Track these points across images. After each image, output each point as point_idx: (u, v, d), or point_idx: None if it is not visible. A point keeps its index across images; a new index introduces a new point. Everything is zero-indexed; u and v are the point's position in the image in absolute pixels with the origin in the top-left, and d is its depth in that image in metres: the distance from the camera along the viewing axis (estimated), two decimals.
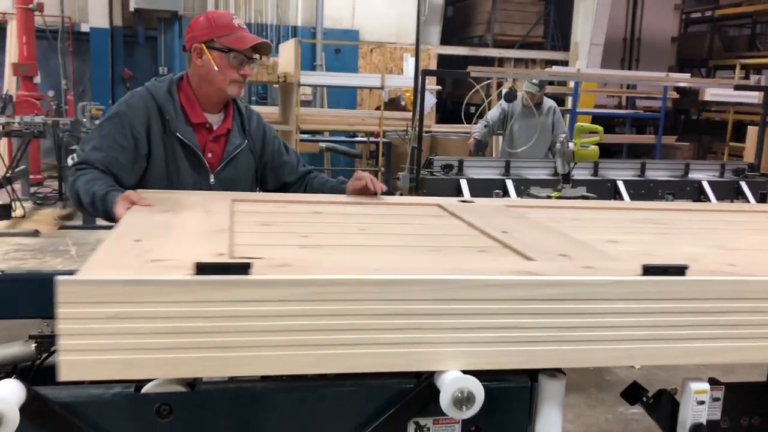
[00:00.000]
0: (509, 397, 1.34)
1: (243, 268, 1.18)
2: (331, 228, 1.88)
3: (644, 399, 1.48)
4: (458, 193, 4.93)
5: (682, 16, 17.44)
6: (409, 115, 8.95)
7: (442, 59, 12.59)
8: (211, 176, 2.35)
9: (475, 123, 6.54)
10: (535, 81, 6.09)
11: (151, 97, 2.29)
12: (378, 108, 9.33)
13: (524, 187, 4.91)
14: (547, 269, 1.36)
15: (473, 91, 6.86)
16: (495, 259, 1.54)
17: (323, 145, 9.93)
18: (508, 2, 13.47)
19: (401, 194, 5.27)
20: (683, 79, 9.04)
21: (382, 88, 7.89)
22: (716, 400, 1.39)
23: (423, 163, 5.11)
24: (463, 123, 9.47)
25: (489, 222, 1.89)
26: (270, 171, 2.53)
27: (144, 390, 1.26)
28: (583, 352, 1.30)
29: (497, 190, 4.81)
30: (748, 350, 1.31)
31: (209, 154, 2.35)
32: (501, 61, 13.02)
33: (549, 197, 4.06)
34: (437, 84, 10.52)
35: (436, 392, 1.26)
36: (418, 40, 5.90)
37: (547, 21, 13.66)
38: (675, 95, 11.59)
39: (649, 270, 1.32)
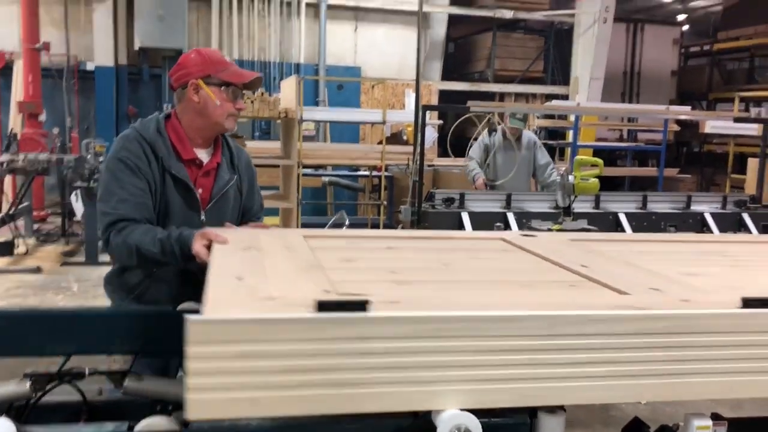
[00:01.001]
0: None
1: (362, 306, 1.20)
2: (413, 263, 1.90)
3: None
4: (460, 226, 4.92)
5: (682, 50, 17.63)
6: (411, 149, 9.02)
7: (444, 94, 12.71)
8: (202, 212, 2.36)
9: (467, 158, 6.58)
10: (519, 116, 6.19)
11: (141, 138, 2.29)
12: (380, 142, 9.39)
13: (525, 220, 4.90)
14: (647, 303, 1.38)
15: (482, 128, 6.89)
16: (590, 293, 1.56)
17: (326, 179, 9.98)
18: (509, 38, 13.65)
19: (403, 227, 5.28)
20: (683, 112, 9.11)
21: (383, 123, 7.95)
22: None
23: (425, 197, 5.12)
24: (465, 157, 9.52)
25: (562, 256, 1.92)
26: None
27: (137, 429, 1.24)
28: (690, 385, 1.32)
29: (498, 224, 4.80)
30: None
31: (200, 190, 2.37)
32: (502, 96, 13.14)
33: (550, 230, 4.05)
34: (439, 118, 10.60)
35: (433, 429, 1.24)
36: (419, 75, 5.97)
37: (547, 56, 13.81)
38: (676, 128, 11.64)
39: (748, 303, 1.34)
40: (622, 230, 5.26)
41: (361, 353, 1.19)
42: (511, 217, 4.96)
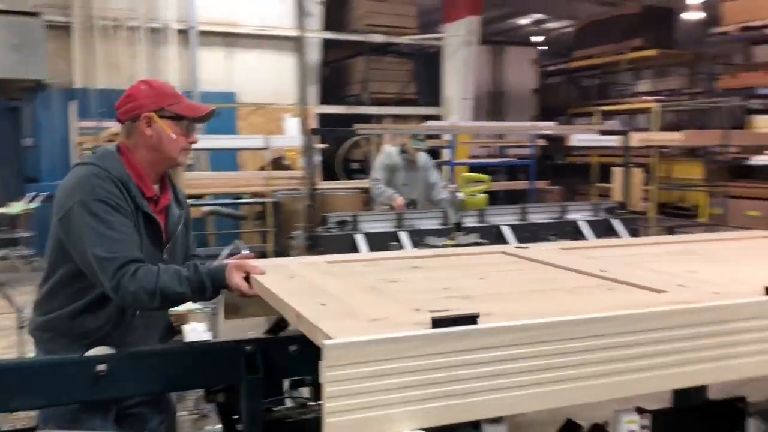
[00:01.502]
0: None
1: (473, 319, 1.30)
2: (455, 281, 1.95)
3: None
4: (354, 248, 4.95)
5: (541, 69, 18.80)
6: (295, 174, 8.98)
7: (322, 118, 12.78)
8: (164, 252, 2.29)
9: (356, 178, 6.64)
10: (420, 137, 6.37)
11: (111, 176, 2.15)
12: (262, 168, 9.27)
13: (418, 238, 5.01)
14: (688, 298, 1.56)
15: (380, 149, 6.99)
16: (633, 294, 1.68)
17: (205, 209, 9.70)
18: (381, 62, 13.97)
19: (298, 252, 5.23)
20: (549, 128, 9.70)
21: (266, 148, 7.87)
22: (644, 428, 1.46)
23: (318, 221, 5.11)
24: (347, 179, 9.62)
25: (574, 263, 2.08)
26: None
27: None
28: (739, 366, 1.49)
29: (393, 242, 4.88)
30: None
31: (162, 232, 2.29)
32: (379, 118, 13.40)
33: (445, 246, 4.16)
34: (321, 142, 10.64)
35: None
36: (304, 101, 5.98)
37: (419, 78, 14.26)
38: (543, 142, 12.37)
39: None
40: (506, 242, 5.50)
41: (473, 363, 1.26)
42: (404, 235, 5.06)
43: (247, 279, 2.02)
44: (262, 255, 7.97)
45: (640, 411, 1.47)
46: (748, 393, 1.70)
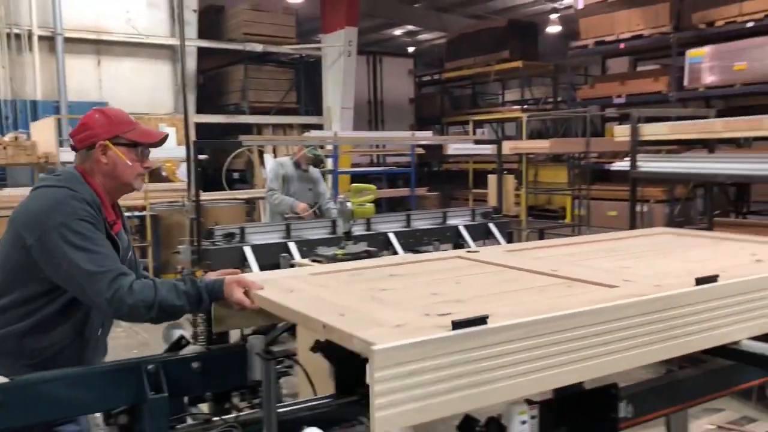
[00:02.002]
0: None
1: (483, 320, 1.50)
2: (437, 286, 2.11)
3: (477, 428, 1.66)
4: (244, 261, 4.93)
5: (416, 80, 19.37)
6: (175, 186, 8.75)
7: (200, 127, 12.51)
8: None
9: (238, 188, 6.59)
10: (316, 147, 6.44)
11: (84, 199, 2.14)
12: None
13: (307, 248, 5.06)
14: (638, 291, 1.85)
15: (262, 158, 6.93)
16: (591, 290, 1.93)
17: None
18: (260, 71, 13.88)
19: (183, 268, 5.12)
20: (427, 137, 10.04)
21: None
22: (534, 417, 1.62)
23: (204, 234, 5.04)
24: (225, 189, 9.46)
25: (528, 265, 2.31)
26: None
27: None
28: (683, 344, 1.86)
29: (283, 254, 4.91)
30: None
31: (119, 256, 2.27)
32: (259, 128, 13.30)
33: (335, 255, 4.24)
34: (201, 153, 10.41)
35: None
36: (186, 110, 5.88)
37: (299, 87, 14.29)
38: (421, 151, 12.76)
39: (700, 281, 1.92)
40: (393, 248, 5.68)
41: (487, 357, 1.49)
42: (293, 246, 5.10)
43: (245, 294, 2.07)
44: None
45: (530, 402, 1.63)
46: (619, 380, 1.93)
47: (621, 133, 5.26)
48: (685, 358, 2.73)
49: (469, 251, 2.72)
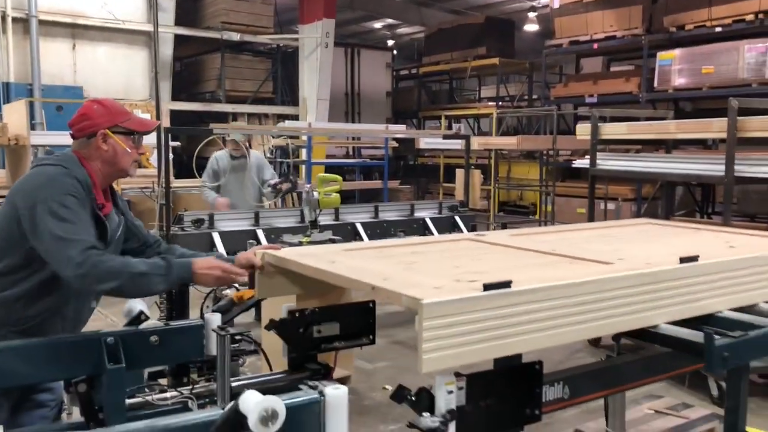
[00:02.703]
0: (305, 411, 1.57)
1: (508, 284, 1.78)
2: (459, 261, 2.37)
3: (409, 397, 1.80)
4: (211, 247, 5.03)
5: (393, 73, 19.46)
6: (147, 172, 8.78)
7: (175, 114, 12.52)
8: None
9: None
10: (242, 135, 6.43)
11: (76, 177, 2.33)
12: None
13: (274, 236, 5.18)
14: (630, 267, 2.11)
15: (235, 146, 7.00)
16: (591, 265, 2.18)
17: None
18: (237, 59, 13.89)
19: None
20: (400, 131, 10.16)
21: None
22: (461, 388, 1.76)
23: (173, 220, 5.13)
24: (197, 177, 9.50)
25: (532, 246, 2.56)
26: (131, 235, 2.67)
27: None
28: (664, 312, 2.13)
29: (251, 240, 5.01)
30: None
31: (108, 236, 2.45)
32: (234, 116, 13.32)
33: (301, 243, 4.36)
34: (174, 140, 10.44)
35: (241, 417, 1.44)
36: (158, 97, 5.94)
37: (276, 77, 14.32)
38: (395, 144, 12.88)
39: (683, 260, 2.19)
40: (360, 238, 5.81)
41: (510, 314, 1.76)
42: (260, 233, 5.20)
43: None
44: None
45: (458, 375, 1.76)
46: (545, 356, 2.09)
47: (582, 131, 5.43)
48: (623, 347, 2.91)
49: (477, 234, 3.02)
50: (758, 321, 2.16)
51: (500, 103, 15.95)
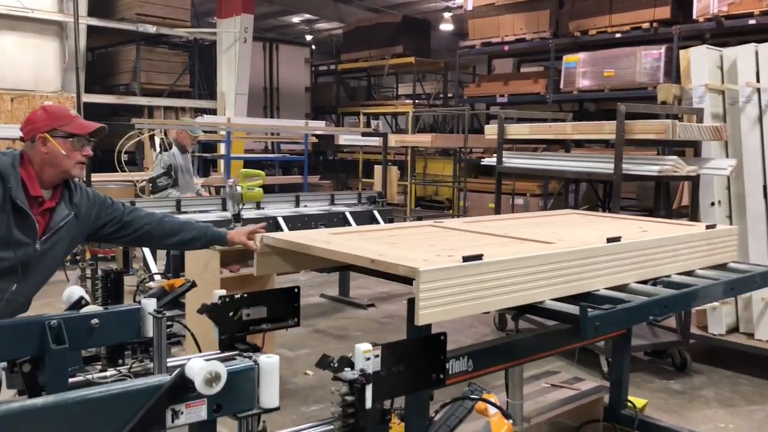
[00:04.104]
0: (242, 377, 1.80)
1: (479, 257, 2.25)
2: (431, 241, 2.82)
3: (332, 364, 2.05)
4: None
5: (312, 69, 19.58)
6: None
7: (88, 107, 12.21)
8: (38, 242, 2.64)
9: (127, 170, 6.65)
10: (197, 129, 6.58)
11: None
12: None
13: None
14: (568, 245, 2.63)
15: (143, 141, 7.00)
16: (538, 244, 2.67)
17: None
18: (153, 52, 13.69)
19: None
20: (320, 128, 10.36)
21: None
22: (377, 356, 2.02)
23: None
24: (116, 171, 9.41)
25: (487, 230, 3.08)
26: (121, 227, 2.91)
27: None
28: (595, 282, 2.61)
29: None
30: (666, 267, 2.90)
31: (36, 225, 2.63)
32: (150, 110, 13.14)
33: None
34: None
35: (188, 381, 1.66)
36: (79, 90, 5.91)
37: (193, 71, 14.20)
38: (315, 140, 13.06)
39: (610, 239, 2.71)
40: (281, 230, 5.99)
41: (483, 281, 2.24)
42: None
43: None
44: None
45: (374, 345, 2.03)
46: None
47: (490, 131, 5.82)
48: (519, 326, 3.26)
49: (436, 221, 3.49)
50: (628, 297, 2.54)
51: (417, 101, 16.37)
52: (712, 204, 4.98)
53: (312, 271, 3.83)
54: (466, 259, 2.23)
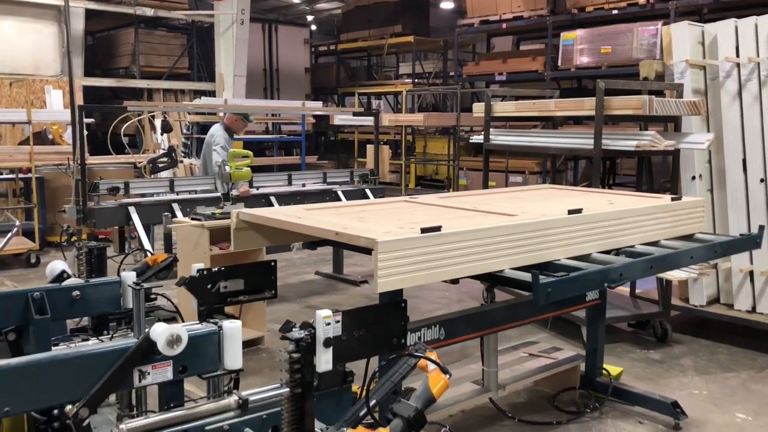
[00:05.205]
0: (205, 340, 1.93)
1: (438, 228, 2.39)
2: (400, 214, 3.04)
3: (293, 329, 2.17)
4: (128, 220, 5.24)
5: (312, 50, 19.58)
6: (61, 149, 8.77)
7: (88, 90, 12.35)
8: None
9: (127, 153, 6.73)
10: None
11: None
12: (23, 143, 8.90)
13: (189, 208, 5.42)
14: (531, 217, 2.78)
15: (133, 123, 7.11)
16: (503, 216, 2.85)
17: None
18: (152, 35, 13.76)
19: (68, 227, 5.37)
20: (316, 108, 10.45)
21: (29, 122, 7.64)
22: (338, 322, 2.14)
23: (89, 188, 5.27)
24: (113, 154, 9.53)
25: (458, 204, 3.25)
26: None
27: None
28: (555, 252, 2.76)
29: (166, 213, 5.25)
30: (629, 237, 3.06)
31: None
32: (150, 92, 13.24)
33: (214, 215, 4.64)
34: (87, 116, 10.37)
35: (152, 343, 1.79)
36: (71, 74, 6.02)
37: (192, 53, 14.26)
38: (312, 120, 13.15)
39: (571, 211, 2.86)
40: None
41: (440, 251, 2.38)
42: (176, 206, 5.44)
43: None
44: (30, 232, 7.78)
45: (335, 311, 2.15)
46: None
47: (478, 109, 5.90)
48: (491, 298, 3.38)
49: (411, 197, 3.65)
50: (586, 266, 2.65)
51: (416, 80, 16.39)
52: (693, 178, 5.06)
53: (304, 248, 3.96)
54: (424, 230, 2.35)
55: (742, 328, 4.98)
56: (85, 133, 10.11)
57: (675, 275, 4.50)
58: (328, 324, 2.09)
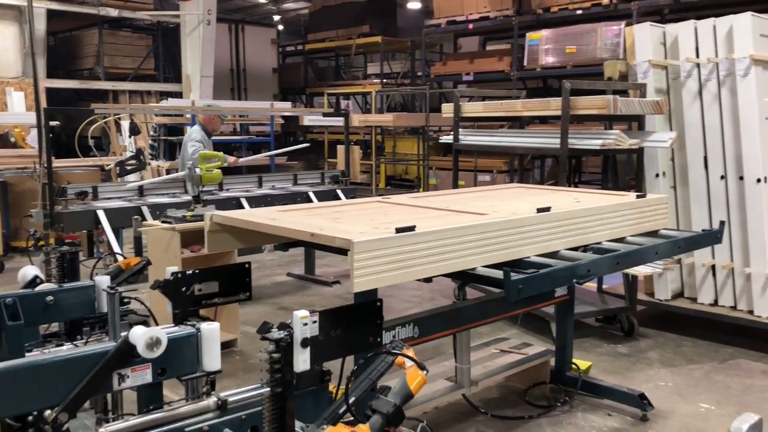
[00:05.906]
0: (184, 342, 1.94)
1: (412, 228, 2.43)
2: (375, 216, 3.05)
3: (271, 329, 2.19)
4: (97, 223, 5.18)
5: (279, 50, 19.50)
6: (25, 152, 8.63)
7: (51, 92, 12.14)
8: None
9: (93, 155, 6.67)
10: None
11: None
12: None
13: (159, 212, 5.39)
14: (502, 216, 2.83)
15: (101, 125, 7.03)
16: (474, 215, 2.89)
17: None
18: (116, 36, 13.56)
19: (35, 231, 5.29)
20: (285, 109, 10.43)
21: None
22: (315, 322, 2.17)
23: (57, 192, 5.21)
24: (79, 156, 9.40)
25: (431, 204, 3.30)
26: None
27: None
28: (524, 250, 2.82)
29: (136, 216, 5.20)
30: (596, 234, 3.14)
31: None
32: (115, 94, 13.06)
33: (185, 217, 4.62)
34: (52, 119, 10.20)
35: (131, 346, 1.79)
36: (36, 76, 5.93)
37: (157, 54, 14.10)
38: (281, 121, 13.10)
39: (540, 210, 2.92)
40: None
41: (414, 250, 2.42)
42: (145, 209, 5.40)
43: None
44: None
45: (312, 311, 2.18)
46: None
47: (447, 109, 5.96)
48: (464, 296, 3.44)
49: (384, 197, 3.71)
50: (555, 262, 2.72)
51: (385, 80, 16.42)
52: (657, 175, 5.19)
53: (276, 249, 3.96)
54: (399, 230, 2.39)
55: (705, 321, 5.13)
56: (50, 136, 9.97)
57: (641, 270, 4.62)
58: (306, 324, 2.11)
